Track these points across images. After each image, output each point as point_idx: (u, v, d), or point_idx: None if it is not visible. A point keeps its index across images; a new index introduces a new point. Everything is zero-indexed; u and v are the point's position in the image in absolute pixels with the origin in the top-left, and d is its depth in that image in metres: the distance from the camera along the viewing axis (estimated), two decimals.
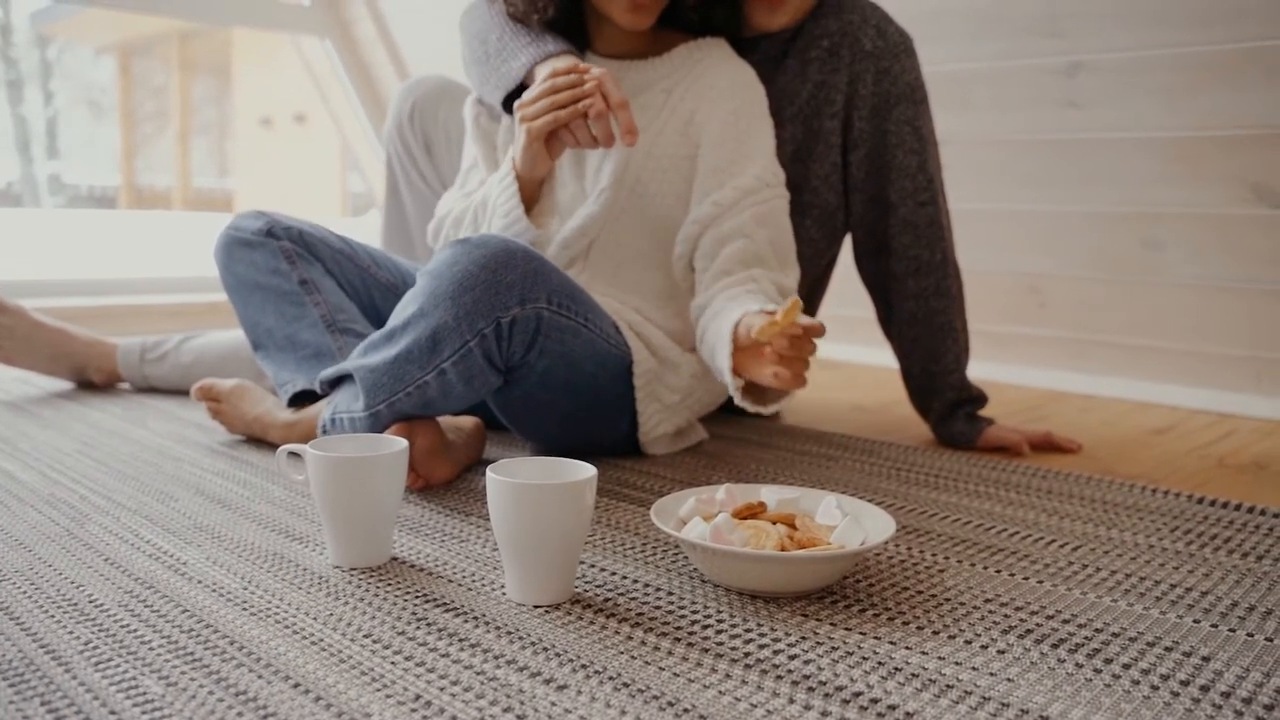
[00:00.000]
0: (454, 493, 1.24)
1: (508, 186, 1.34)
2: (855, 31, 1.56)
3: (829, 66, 1.56)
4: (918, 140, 1.56)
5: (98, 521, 1.09)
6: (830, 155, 1.59)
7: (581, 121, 1.26)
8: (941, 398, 1.61)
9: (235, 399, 1.46)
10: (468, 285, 1.15)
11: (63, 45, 16.91)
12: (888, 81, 1.55)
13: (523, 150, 1.31)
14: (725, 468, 1.40)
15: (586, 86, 1.25)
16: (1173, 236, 2.00)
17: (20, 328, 1.79)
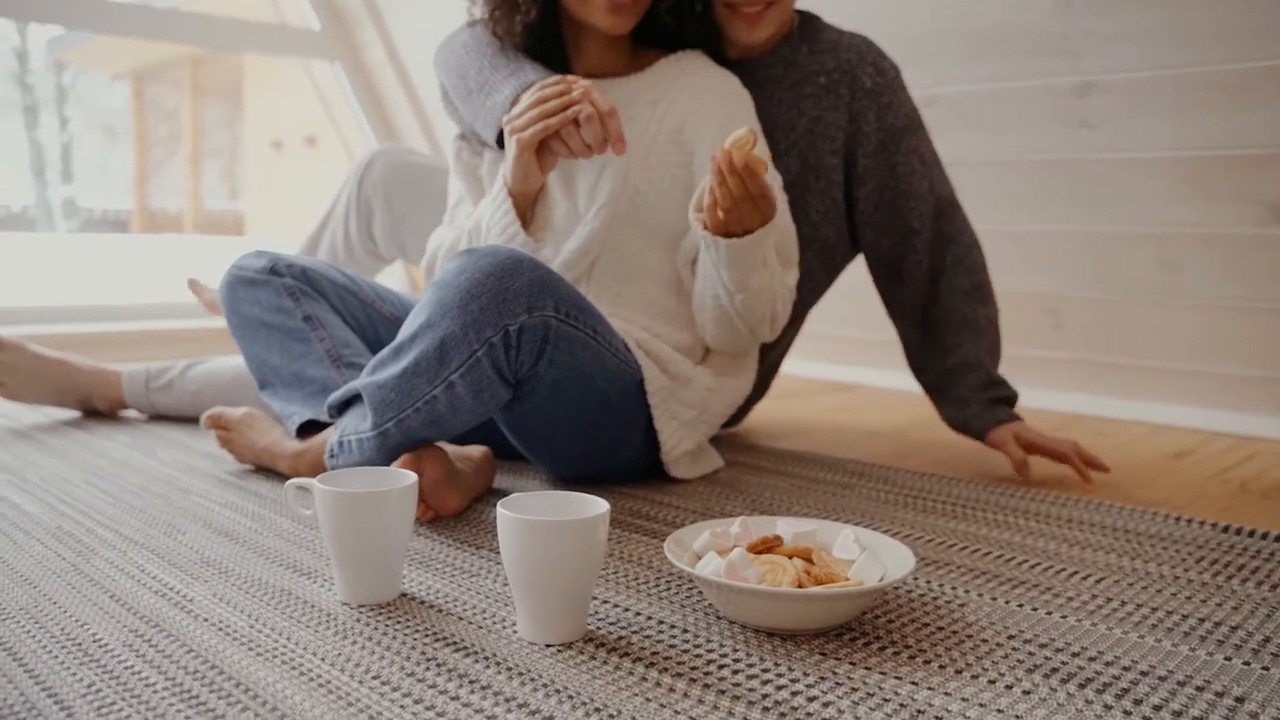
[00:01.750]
0: (464, 524, 1.22)
1: (501, 204, 1.34)
2: (854, 70, 1.57)
3: (826, 103, 1.57)
4: (924, 164, 1.58)
5: (104, 556, 1.08)
6: (830, 191, 1.60)
7: (572, 129, 1.25)
8: (967, 381, 1.57)
9: (244, 428, 1.45)
10: (475, 293, 1.13)
11: (78, 71, 17.06)
12: (891, 116, 1.57)
13: (514, 163, 1.30)
14: (740, 496, 1.38)
15: (575, 94, 1.25)
16: (1188, 257, 1.98)
17: (21, 362, 1.77)
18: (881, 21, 2.16)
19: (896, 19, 2.15)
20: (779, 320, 1.41)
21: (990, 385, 1.56)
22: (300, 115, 12.46)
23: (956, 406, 1.58)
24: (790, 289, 1.42)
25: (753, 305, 1.35)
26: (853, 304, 1.82)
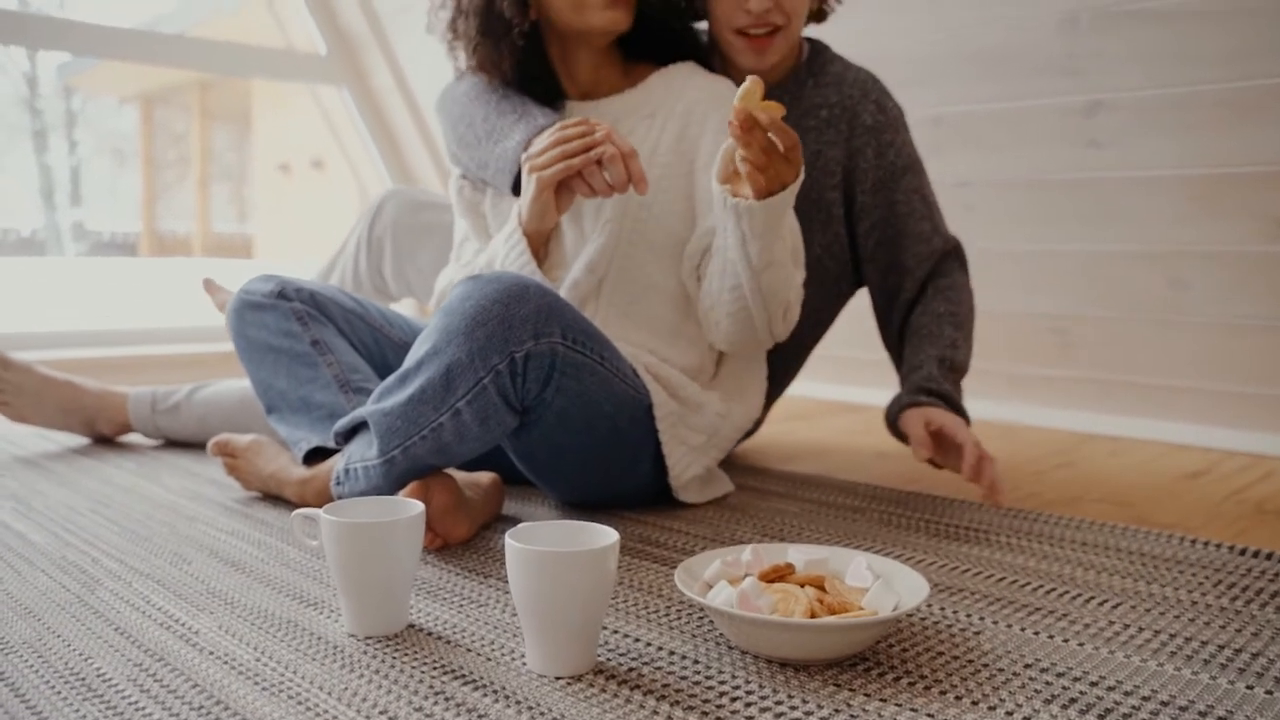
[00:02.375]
0: (472, 552, 1.21)
1: (516, 243, 1.33)
2: (855, 106, 1.56)
3: (826, 137, 1.56)
4: (925, 205, 1.58)
5: (109, 587, 1.07)
6: (833, 226, 1.59)
7: (595, 168, 1.25)
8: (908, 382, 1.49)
9: (251, 455, 1.44)
10: (480, 320, 1.13)
11: (87, 95, 17.19)
12: (891, 154, 1.56)
13: (531, 202, 1.29)
14: (750, 522, 1.37)
15: (597, 135, 1.25)
16: (1199, 275, 1.96)
17: (28, 384, 1.78)
18: (888, 42, 2.16)
19: (902, 40, 2.14)
20: (791, 313, 1.39)
21: (927, 382, 1.46)
22: (308, 138, 12.53)
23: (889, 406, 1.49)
24: (800, 288, 1.40)
25: (775, 285, 1.32)
26: (861, 325, 1.81)
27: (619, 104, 1.46)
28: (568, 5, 1.39)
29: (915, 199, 1.57)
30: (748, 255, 1.28)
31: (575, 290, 1.40)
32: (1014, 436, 2.09)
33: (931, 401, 1.44)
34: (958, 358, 1.50)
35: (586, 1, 1.38)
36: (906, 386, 1.48)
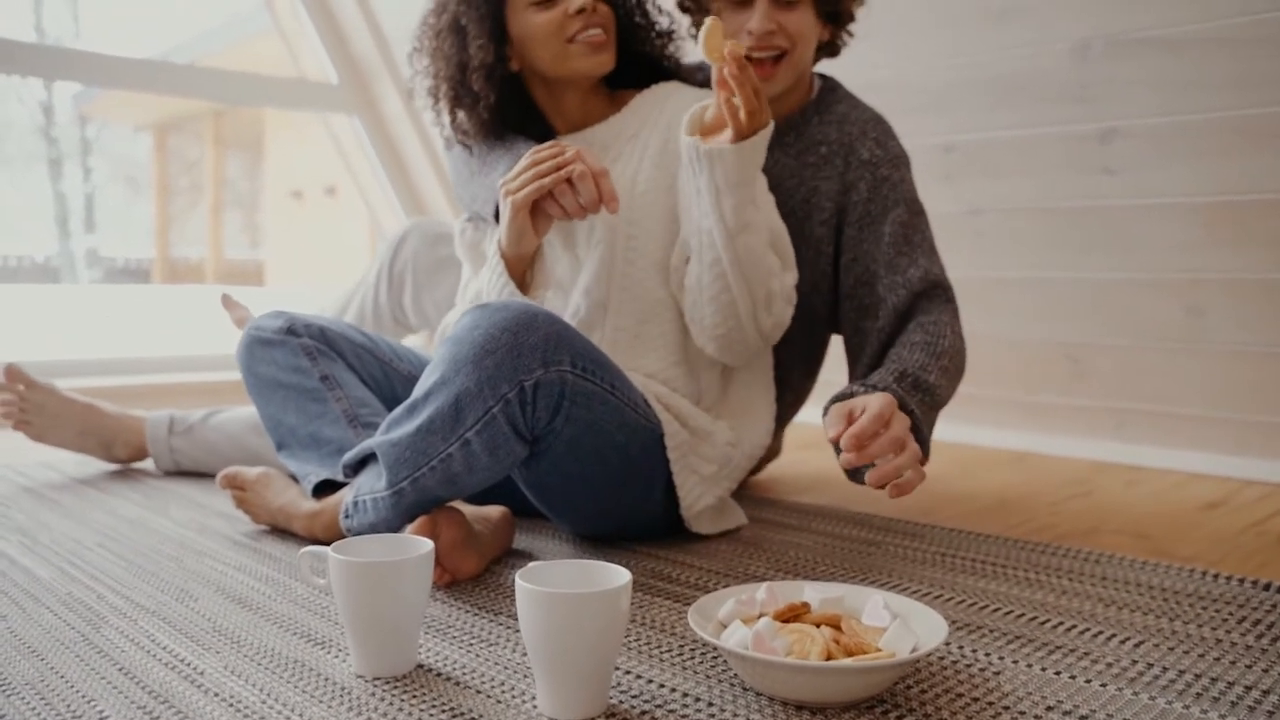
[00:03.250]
0: (482, 588, 1.20)
1: (495, 266, 1.32)
2: (853, 142, 1.53)
3: (823, 173, 1.54)
4: (911, 243, 1.47)
5: (114, 625, 1.06)
6: (819, 263, 1.55)
7: (566, 188, 1.24)
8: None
9: (260, 487, 1.43)
10: (489, 349, 1.11)
11: (101, 123, 17.34)
12: (886, 188, 1.50)
13: (507, 225, 1.28)
14: (764, 556, 1.35)
15: (567, 155, 1.24)
16: (1214, 302, 1.95)
17: (50, 405, 1.80)
18: (901, 70, 2.16)
19: (915, 68, 2.14)
20: (777, 305, 1.36)
21: (874, 381, 1.25)
22: (320, 165, 12.60)
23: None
24: (789, 290, 1.39)
25: (753, 254, 1.30)
26: None
27: (605, 131, 1.47)
28: (551, 56, 1.40)
29: (901, 233, 1.47)
30: (722, 214, 1.28)
31: (577, 317, 1.39)
32: (1029, 465, 2.07)
33: (860, 392, 1.22)
34: (925, 378, 1.29)
35: (570, 51, 1.39)
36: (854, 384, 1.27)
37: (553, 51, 1.40)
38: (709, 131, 1.28)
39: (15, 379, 1.80)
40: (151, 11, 19.50)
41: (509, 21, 1.41)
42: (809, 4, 1.49)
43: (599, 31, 1.40)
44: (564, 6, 1.38)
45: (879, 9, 2.12)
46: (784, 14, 1.47)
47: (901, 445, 1.12)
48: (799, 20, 1.48)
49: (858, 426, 1.09)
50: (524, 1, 1.40)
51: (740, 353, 1.40)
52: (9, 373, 1.80)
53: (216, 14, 16.69)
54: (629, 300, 1.40)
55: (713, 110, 1.27)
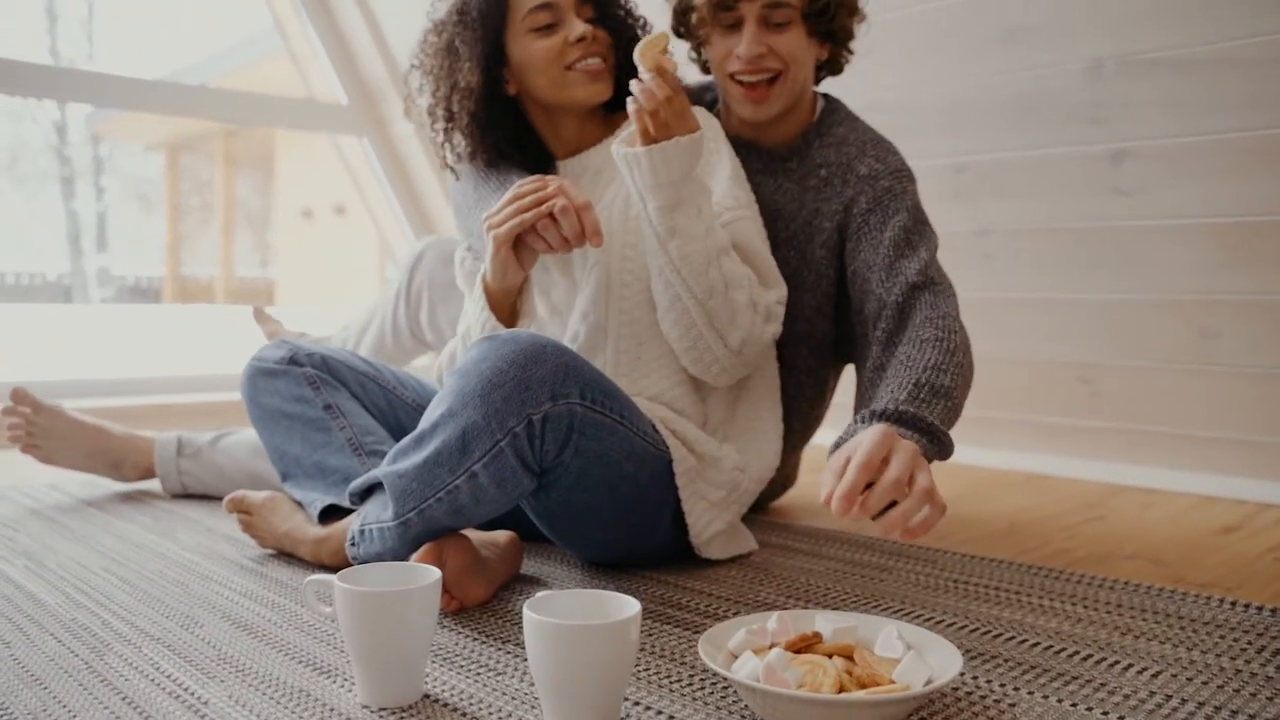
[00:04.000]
0: (489, 615, 1.18)
1: (479, 301, 1.32)
2: (852, 161, 1.51)
3: (823, 195, 1.52)
4: (913, 247, 1.42)
5: (118, 652, 1.05)
6: (821, 285, 1.54)
7: (549, 223, 1.23)
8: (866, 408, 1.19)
9: (266, 512, 1.42)
10: (496, 382, 1.10)
11: (114, 143, 17.46)
12: (888, 199, 1.47)
13: (491, 259, 1.28)
14: (774, 582, 1.33)
15: (549, 190, 1.24)
16: (1228, 324, 1.93)
17: (57, 427, 1.80)
18: (912, 91, 2.15)
19: (927, 88, 2.14)
20: (741, 316, 1.32)
21: (886, 403, 1.17)
22: (330, 184, 12.67)
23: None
24: (769, 303, 1.37)
25: (691, 259, 1.28)
26: None
27: (598, 155, 1.47)
28: (549, 83, 1.41)
29: (904, 237, 1.43)
30: (650, 218, 1.28)
31: (576, 343, 1.38)
32: (1042, 488, 2.05)
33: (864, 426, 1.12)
34: (940, 381, 1.22)
35: (568, 80, 1.40)
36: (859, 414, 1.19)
37: (550, 78, 1.40)
38: (630, 143, 1.29)
39: (22, 402, 1.80)
40: (164, 33, 19.66)
41: (508, 46, 1.42)
42: (800, 25, 1.47)
43: (597, 61, 1.41)
44: (564, 34, 1.39)
45: (890, 29, 2.12)
46: (773, 36, 1.46)
47: (903, 487, 1.00)
48: (790, 41, 1.47)
49: (844, 484, 0.98)
50: (524, 27, 1.40)
51: (715, 371, 1.38)
52: (16, 396, 1.80)
53: (228, 35, 16.83)
54: (628, 323, 1.39)
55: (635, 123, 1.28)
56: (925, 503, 1.00)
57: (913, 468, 1.02)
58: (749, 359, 1.39)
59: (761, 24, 1.46)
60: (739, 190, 1.44)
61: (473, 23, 1.41)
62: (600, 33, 1.43)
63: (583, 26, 1.39)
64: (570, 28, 1.39)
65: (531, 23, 1.40)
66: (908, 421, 1.13)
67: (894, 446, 1.03)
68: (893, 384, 1.22)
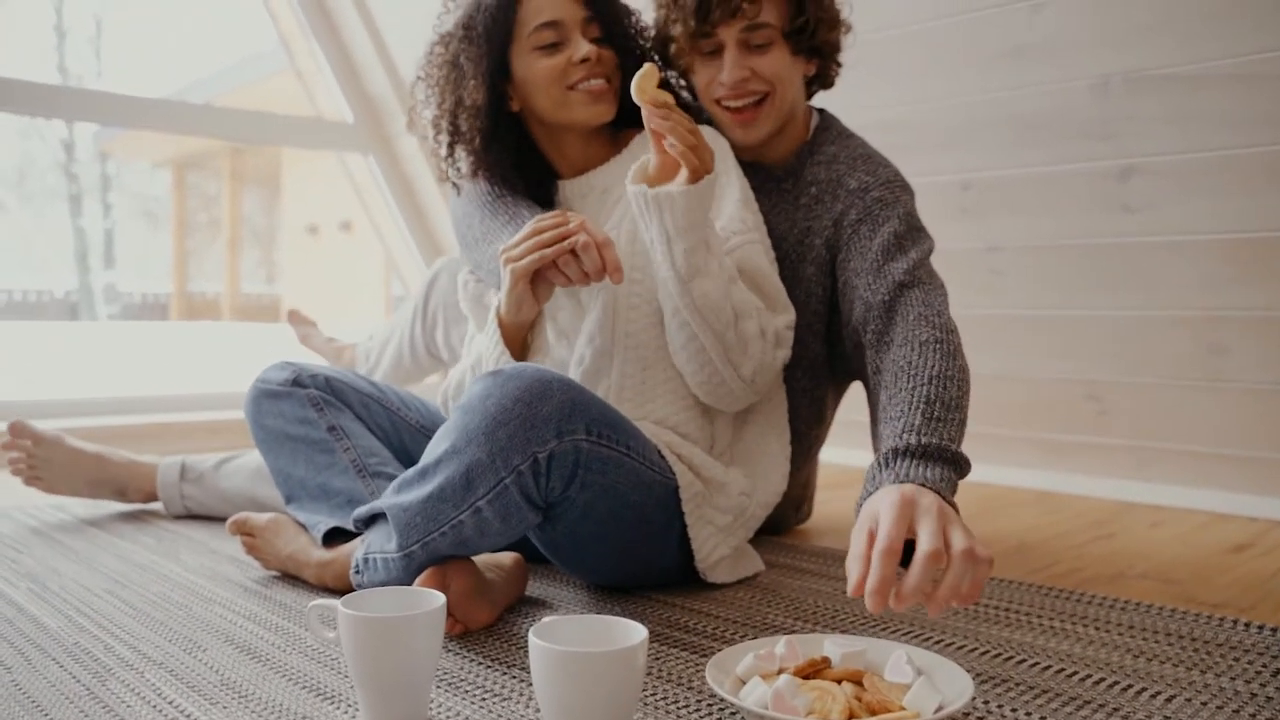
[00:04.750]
0: (494, 638, 1.17)
1: (493, 334, 1.31)
2: (842, 177, 1.49)
3: (814, 213, 1.51)
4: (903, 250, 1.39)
5: (120, 677, 1.04)
6: (810, 304, 1.52)
7: (569, 258, 1.22)
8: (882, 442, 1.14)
9: (269, 534, 1.41)
10: (501, 420, 1.09)
11: (121, 160, 17.54)
12: (878, 208, 1.44)
13: (507, 293, 1.27)
14: (782, 604, 1.32)
15: (571, 226, 1.23)
16: (1238, 340, 1.92)
17: (57, 458, 1.80)
18: (918, 108, 2.15)
19: (933, 106, 2.13)
20: (753, 346, 1.32)
21: (906, 435, 1.09)
22: (336, 201, 12.71)
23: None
24: (778, 332, 1.36)
25: (711, 298, 1.26)
26: None
27: (605, 174, 1.46)
28: (551, 102, 1.40)
29: (895, 243, 1.39)
30: (673, 261, 1.25)
31: (582, 366, 1.37)
32: (1051, 506, 2.04)
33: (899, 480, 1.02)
34: (949, 393, 1.16)
35: (570, 100, 1.39)
36: (877, 451, 1.15)
37: (552, 98, 1.40)
38: (655, 180, 1.25)
39: (21, 434, 1.80)
40: (172, 49, 19.78)
41: (513, 62, 1.41)
42: (782, 44, 1.46)
43: (601, 82, 1.40)
44: (568, 54, 1.38)
45: (896, 46, 2.12)
46: (755, 58, 1.45)
47: (940, 557, 0.90)
48: (773, 62, 1.45)
49: (873, 580, 0.87)
50: (528, 45, 1.40)
51: (728, 400, 1.38)
52: (15, 429, 1.80)
53: (235, 51, 16.91)
54: (633, 347, 1.38)
55: (653, 160, 1.24)
56: (969, 564, 0.90)
57: (944, 531, 0.93)
58: (761, 387, 1.38)
59: (742, 47, 1.45)
60: (747, 213, 1.43)
61: (478, 38, 1.40)
62: (605, 53, 1.42)
63: (587, 47, 1.38)
64: (575, 47, 1.39)
65: (536, 40, 1.39)
66: (931, 454, 1.06)
67: (916, 515, 0.94)
68: (902, 404, 1.16)
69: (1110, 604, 1.32)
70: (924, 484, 1.00)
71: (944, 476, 1.04)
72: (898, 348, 1.27)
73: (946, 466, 1.06)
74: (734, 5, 1.41)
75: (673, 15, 1.46)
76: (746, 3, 1.41)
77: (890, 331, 1.32)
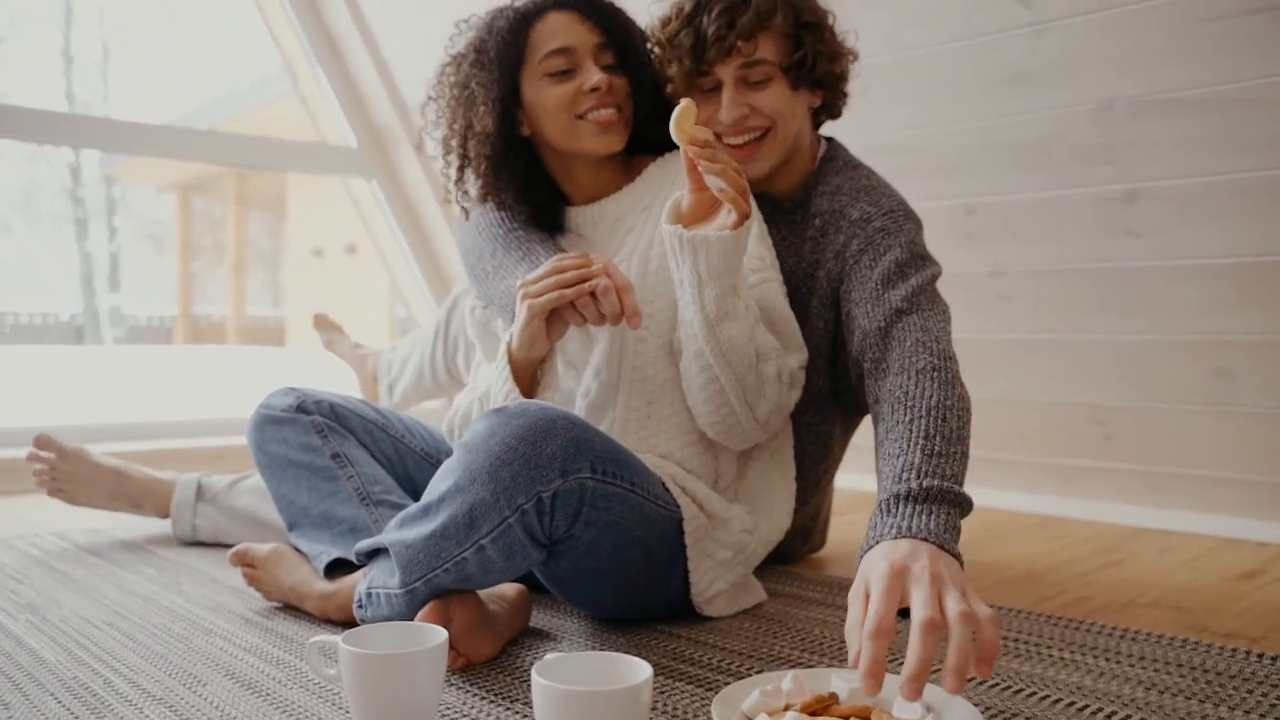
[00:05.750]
0: (497, 671, 1.16)
1: (503, 369, 1.30)
2: (844, 208, 1.47)
3: (819, 246, 1.49)
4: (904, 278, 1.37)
5: (118, 714, 1.03)
6: (814, 338, 1.50)
7: (588, 300, 1.21)
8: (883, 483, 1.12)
9: (271, 565, 1.40)
10: (505, 459, 1.08)
11: (127, 184, 17.62)
12: (881, 237, 1.41)
13: (521, 328, 1.25)
14: (787, 634, 1.31)
15: (593, 268, 1.22)
16: (1245, 364, 1.91)
17: (80, 472, 1.86)
18: (922, 133, 2.15)
19: (936, 131, 2.13)
20: (770, 389, 1.31)
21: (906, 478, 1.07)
22: (341, 224, 12.74)
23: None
24: (791, 372, 1.35)
25: (737, 342, 1.25)
26: None
27: (617, 203, 1.45)
28: (559, 129, 1.39)
29: (896, 270, 1.37)
30: (703, 304, 1.23)
31: (588, 398, 1.36)
32: (1059, 531, 2.02)
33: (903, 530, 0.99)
34: (950, 425, 1.14)
35: (578, 129, 1.38)
36: (880, 493, 1.11)
37: (560, 125, 1.39)
38: (689, 220, 1.23)
39: (46, 447, 1.86)
40: (178, 73, 19.95)
41: (524, 87, 1.40)
42: (781, 79, 1.44)
43: (610, 112, 1.38)
44: (578, 82, 1.37)
45: (899, 71, 2.13)
46: (754, 94, 1.44)
47: (936, 626, 0.85)
48: (772, 97, 1.44)
49: (866, 661, 0.84)
50: (539, 70, 1.38)
51: (739, 439, 1.37)
52: (40, 442, 1.86)
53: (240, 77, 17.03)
54: (639, 380, 1.37)
55: (687, 198, 1.23)
56: (968, 627, 0.85)
57: (938, 597, 0.88)
58: (773, 427, 1.38)
59: (740, 84, 1.43)
60: (764, 250, 1.42)
61: (490, 64, 1.39)
62: (618, 81, 1.40)
63: (598, 76, 1.37)
64: (585, 75, 1.37)
65: (547, 67, 1.38)
66: (932, 497, 1.04)
67: (908, 584, 0.90)
68: (900, 440, 1.13)
69: (1120, 634, 1.30)
70: (925, 537, 0.97)
71: (946, 524, 1.01)
72: (894, 376, 1.25)
73: (948, 510, 1.03)
74: (729, 44, 1.40)
75: (669, 55, 1.44)
76: (742, 40, 1.40)
77: (887, 358, 1.30)
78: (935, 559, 0.93)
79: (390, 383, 2.22)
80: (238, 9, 11.09)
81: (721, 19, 1.40)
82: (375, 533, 1.33)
